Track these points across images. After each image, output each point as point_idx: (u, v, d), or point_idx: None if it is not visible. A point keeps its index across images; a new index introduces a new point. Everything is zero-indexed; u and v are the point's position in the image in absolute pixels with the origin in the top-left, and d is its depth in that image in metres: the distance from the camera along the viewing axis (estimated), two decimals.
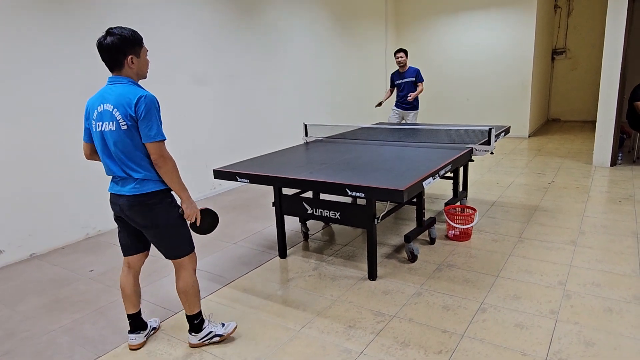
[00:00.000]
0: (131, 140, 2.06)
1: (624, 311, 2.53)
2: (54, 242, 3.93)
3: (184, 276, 2.28)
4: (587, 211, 4.21)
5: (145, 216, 2.15)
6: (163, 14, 4.65)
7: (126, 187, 2.14)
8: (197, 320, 2.36)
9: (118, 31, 2.05)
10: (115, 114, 2.04)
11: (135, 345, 2.42)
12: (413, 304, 2.71)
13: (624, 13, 5.37)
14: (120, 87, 2.08)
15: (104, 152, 2.14)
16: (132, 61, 2.10)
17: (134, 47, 2.09)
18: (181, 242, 2.25)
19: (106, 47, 2.05)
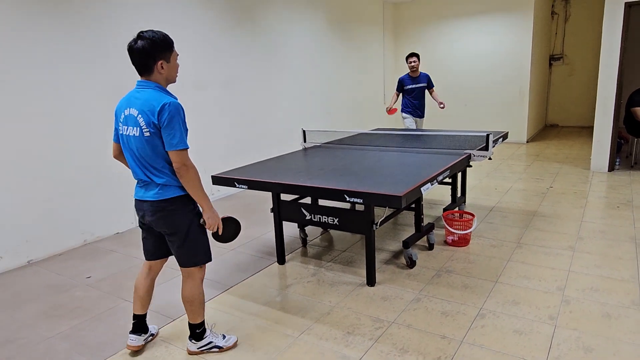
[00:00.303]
0: (153, 147, 2.06)
1: (623, 317, 2.53)
2: (52, 248, 3.92)
3: (190, 285, 2.27)
4: (585, 216, 4.22)
5: (167, 221, 2.15)
6: (162, 19, 4.67)
7: (149, 192, 2.14)
8: (199, 330, 2.35)
9: (149, 35, 2.03)
10: (139, 120, 2.04)
11: (135, 346, 2.40)
12: (412, 310, 2.70)
13: (620, 19, 5.41)
14: (146, 92, 2.06)
15: (130, 155, 2.15)
16: (162, 66, 2.08)
17: (164, 51, 2.07)
18: (198, 251, 2.23)
19: (136, 51, 2.03)
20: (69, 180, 3.99)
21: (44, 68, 3.75)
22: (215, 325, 2.63)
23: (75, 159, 4.03)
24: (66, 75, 3.90)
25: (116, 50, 4.26)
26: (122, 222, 4.46)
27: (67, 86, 3.92)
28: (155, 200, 2.12)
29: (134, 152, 2.12)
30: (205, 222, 2.18)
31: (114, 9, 4.23)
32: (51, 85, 3.81)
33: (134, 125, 2.06)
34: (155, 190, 2.12)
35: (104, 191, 4.27)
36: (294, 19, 6.57)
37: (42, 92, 3.75)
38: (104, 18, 4.15)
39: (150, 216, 2.17)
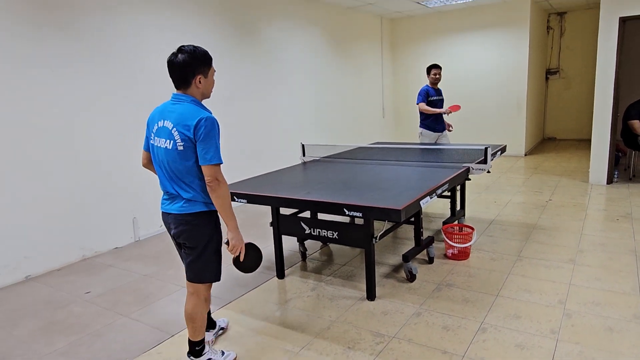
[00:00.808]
0: (185, 161, 2.05)
1: (625, 330, 2.51)
2: (50, 263, 3.90)
3: (194, 303, 2.25)
4: (585, 229, 4.21)
5: (188, 235, 2.15)
6: (161, 35, 4.72)
7: (174, 205, 2.15)
8: (198, 347, 2.33)
9: (190, 49, 2.05)
10: (174, 133, 2.04)
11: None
12: (412, 324, 2.68)
13: (615, 34, 5.49)
14: (182, 106, 2.07)
15: (159, 167, 2.16)
16: (200, 81, 2.10)
17: (203, 66, 2.09)
18: (209, 269, 2.23)
19: (177, 64, 2.05)
20: (68, 195, 3.99)
21: (45, 85, 3.78)
22: (214, 342, 2.61)
23: (74, 174, 4.03)
24: (67, 91, 3.93)
25: (119, 67, 4.30)
26: (121, 237, 4.45)
27: (67, 102, 3.94)
28: (180, 214, 2.13)
29: (164, 165, 2.12)
30: (228, 243, 2.14)
31: (113, 27, 4.27)
32: (50, 101, 3.83)
33: (167, 137, 2.06)
34: (180, 203, 2.12)
35: (103, 206, 4.27)
36: (293, 34, 6.65)
37: (41, 108, 3.77)
38: (104, 33, 4.19)
39: (174, 228, 2.18)
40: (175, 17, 4.86)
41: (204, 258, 2.19)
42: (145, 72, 4.57)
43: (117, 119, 4.34)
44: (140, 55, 4.51)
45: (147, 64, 4.59)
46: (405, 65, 9.38)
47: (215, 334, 2.61)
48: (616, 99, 5.68)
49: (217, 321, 2.69)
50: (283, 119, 6.58)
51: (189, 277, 2.23)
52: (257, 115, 6.08)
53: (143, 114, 4.53)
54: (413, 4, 7.66)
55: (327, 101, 7.55)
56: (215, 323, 2.63)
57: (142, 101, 4.55)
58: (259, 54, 6.02)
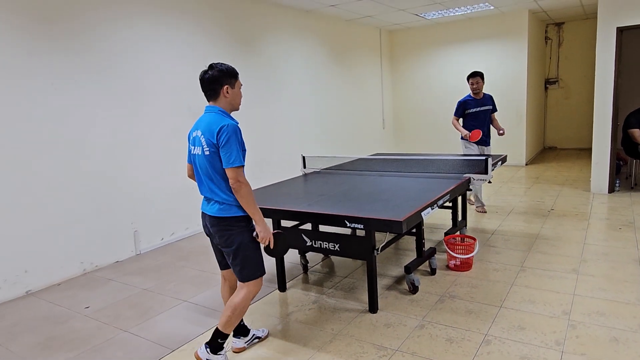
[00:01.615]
0: (213, 165, 2.25)
1: (630, 341, 2.48)
2: (50, 278, 3.88)
3: (243, 296, 2.36)
4: (587, 238, 4.19)
5: (223, 236, 2.32)
6: (162, 47, 4.76)
7: (212, 207, 2.32)
8: (221, 340, 2.37)
9: (218, 65, 2.29)
10: (202, 140, 2.26)
11: (238, 348, 2.60)
12: (416, 337, 2.65)
13: (613, 43, 5.52)
14: (210, 115, 2.29)
15: (197, 174, 2.39)
16: (227, 91, 2.31)
17: (230, 78, 2.31)
18: (251, 266, 2.36)
19: (207, 79, 2.28)
20: (68, 209, 3.98)
21: (45, 96, 3.80)
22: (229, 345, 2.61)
23: (75, 187, 4.03)
24: (67, 104, 3.95)
25: (120, 80, 4.33)
26: (122, 251, 4.43)
27: (68, 115, 3.96)
28: (216, 216, 2.30)
29: (199, 170, 2.34)
30: (258, 235, 2.32)
31: (116, 37, 4.31)
32: (51, 113, 3.85)
33: (198, 145, 2.29)
34: (216, 206, 2.30)
35: (104, 220, 4.26)
36: (293, 45, 6.70)
37: (41, 120, 3.78)
38: (106, 47, 4.23)
39: (210, 228, 2.37)
40: (176, 29, 4.90)
41: (243, 258, 2.33)
42: (146, 84, 4.60)
43: (119, 132, 4.36)
44: (141, 67, 4.54)
45: (148, 76, 4.62)
46: (404, 76, 9.43)
47: (248, 342, 2.65)
48: (616, 107, 5.69)
49: (253, 330, 2.73)
50: (283, 131, 6.59)
51: (239, 278, 2.38)
52: (258, 126, 6.10)
53: (144, 126, 4.55)
54: (411, 16, 7.73)
55: (327, 112, 7.58)
56: (248, 331, 2.68)
57: (144, 113, 4.57)
58: (259, 65, 6.06)
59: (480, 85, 5.06)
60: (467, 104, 5.17)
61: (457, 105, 5.22)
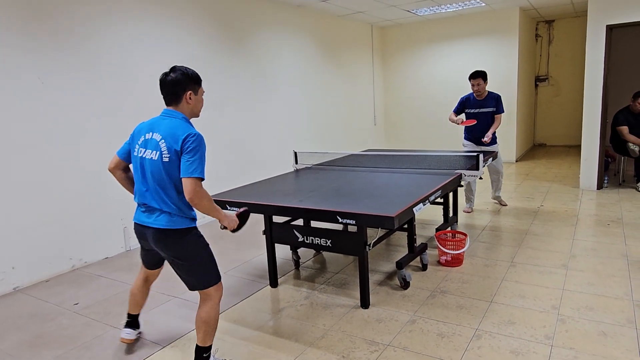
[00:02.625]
0: (169, 173, 2.11)
1: (619, 335, 2.51)
2: (39, 274, 3.83)
3: (209, 306, 2.26)
4: (576, 234, 4.23)
5: (173, 249, 2.19)
6: (152, 41, 4.71)
7: (152, 218, 2.18)
8: (206, 354, 2.30)
9: (181, 69, 2.18)
10: (161, 145, 2.10)
11: (128, 339, 2.62)
12: (407, 332, 2.66)
13: (603, 41, 5.56)
14: (172, 121, 2.15)
15: (141, 178, 2.21)
16: (190, 97, 2.20)
17: (194, 84, 2.21)
18: (208, 273, 2.26)
19: (170, 82, 2.16)
20: (57, 205, 3.93)
21: (36, 93, 3.74)
22: (218, 350, 2.57)
23: (63, 183, 3.98)
24: (53, 100, 3.89)
25: (110, 76, 4.27)
26: (111, 247, 4.39)
27: (54, 111, 3.90)
28: (163, 229, 2.15)
29: (147, 176, 2.17)
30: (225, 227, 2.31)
31: (101, 37, 4.25)
32: (37, 110, 3.79)
33: (154, 149, 2.13)
34: (159, 217, 2.16)
35: (92, 216, 4.21)
36: (284, 42, 6.66)
37: (29, 116, 3.72)
38: (93, 43, 4.17)
39: (154, 242, 2.22)
40: (165, 25, 4.84)
41: (199, 266, 2.23)
42: (135, 81, 4.55)
43: (108, 128, 4.30)
44: (130, 64, 4.48)
45: (137, 72, 4.56)
46: (396, 72, 9.43)
47: (137, 335, 2.70)
48: (605, 105, 5.74)
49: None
50: (274, 127, 6.57)
51: (195, 287, 2.26)
52: (249, 123, 6.07)
53: (133, 123, 4.49)
54: (403, 12, 7.73)
55: (318, 108, 7.56)
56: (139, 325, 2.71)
57: (133, 110, 4.51)
58: (249, 61, 6.02)
59: (481, 87, 4.80)
60: (467, 102, 4.98)
61: (459, 100, 5.06)
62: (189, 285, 2.28)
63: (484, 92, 4.87)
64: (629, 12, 5.35)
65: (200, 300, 2.29)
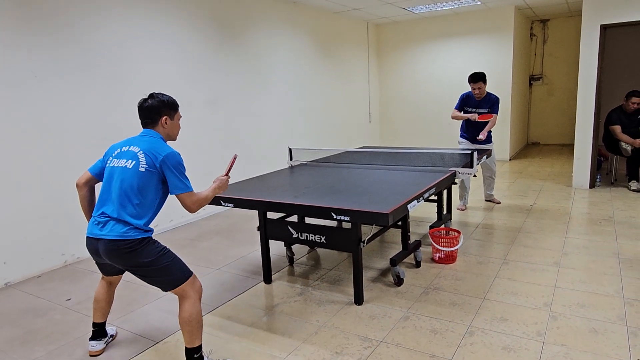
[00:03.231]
0: (140, 183, 2.16)
1: (609, 332, 2.53)
2: (30, 269, 3.80)
3: (188, 304, 2.22)
4: (569, 232, 4.27)
5: (125, 259, 2.15)
6: (147, 37, 4.67)
7: (105, 230, 2.14)
8: (197, 354, 2.26)
9: (159, 96, 2.30)
10: (139, 156, 2.18)
11: (96, 352, 2.54)
12: (400, 329, 2.67)
13: (597, 41, 5.60)
14: (152, 139, 2.25)
15: (106, 188, 2.23)
16: (166, 121, 2.31)
17: (170, 110, 2.32)
18: (172, 273, 2.21)
19: (146, 108, 2.27)
20: (49, 200, 3.90)
21: (28, 89, 3.70)
22: (213, 351, 2.54)
23: (55, 178, 3.94)
24: (46, 92, 3.85)
25: (102, 69, 4.24)
26: None
27: (48, 105, 3.86)
28: (115, 239, 2.12)
29: (113, 185, 2.19)
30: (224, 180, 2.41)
31: (94, 33, 4.21)
32: (29, 102, 3.75)
33: (130, 158, 2.19)
34: (117, 227, 2.13)
35: None
36: (279, 38, 6.64)
37: (19, 111, 3.69)
38: (88, 39, 4.13)
39: (107, 255, 2.16)
40: (159, 21, 4.81)
41: (162, 269, 2.19)
42: (129, 77, 4.51)
43: (101, 124, 4.27)
44: (124, 60, 4.45)
45: (131, 68, 4.53)
46: (391, 70, 9.44)
47: (106, 342, 2.61)
48: (598, 104, 5.78)
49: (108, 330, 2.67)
50: (269, 123, 6.55)
51: (166, 288, 2.23)
52: (243, 119, 6.05)
53: (126, 118, 4.46)
54: (399, 9, 7.72)
55: (313, 105, 7.55)
56: (106, 332, 2.63)
57: (127, 106, 4.48)
58: (244, 57, 6.00)
59: (482, 90, 4.85)
60: (467, 100, 5.00)
61: (460, 97, 5.08)
62: (161, 288, 2.25)
63: (484, 93, 4.92)
64: (623, 12, 5.38)
65: (179, 300, 2.25)
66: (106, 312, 2.57)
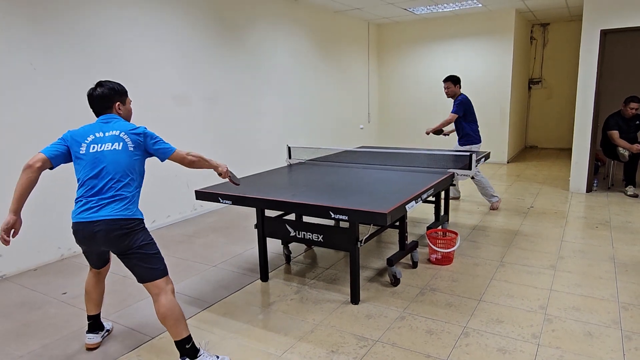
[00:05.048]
0: (132, 159, 2.25)
1: (604, 335, 2.55)
2: (26, 263, 3.79)
3: (163, 300, 2.21)
4: (565, 236, 4.28)
5: (124, 239, 2.18)
6: (146, 33, 4.66)
7: (105, 211, 2.15)
8: (188, 345, 2.24)
9: (108, 84, 2.35)
10: (123, 137, 2.25)
11: (93, 344, 2.54)
12: (396, 328, 2.68)
13: (596, 46, 5.61)
14: (118, 121, 2.33)
15: (95, 174, 2.19)
16: (119, 107, 2.39)
17: (120, 96, 2.39)
18: (160, 262, 2.27)
19: (97, 96, 2.32)
20: (45, 194, 3.89)
21: (23, 78, 3.68)
22: (208, 344, 2.55)
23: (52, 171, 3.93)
24: (42, 87, 3.84)
25: (101, 64, 4.22)
26: None
27: (45, 97, 3.85)
28: (113, 219, 2.15)
29: (105, 169, 2.19)
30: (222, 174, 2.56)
31: (93, 30, 4.20)
32: (28, 96, 3.74)
33: (115, 141, 2.24)
34: (117, 206, 2.17)
35: None
36: (279, 36, 6.63)
37: (18, 103, 3.67)
38: (88, 33, 4.12)
39: (105, 236, 2.14)
40: (159, 14, 4.79)
41: (155, 255, 2.26)
42: (127, 70, 4.50)
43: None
44: (122, 53, 4.43)
45: (129, 62, 4.51)
46: (391, 70, 9.44)
47: (102, 336, 2.62)
48: (596, 109, 5.80)
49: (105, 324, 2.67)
50: (268, 121, 6.55)
51: (145, 279, 2.22)
52: (242, 117, 6.04)
53: None
54: (400, 10, 7.73)
55: (312, 104, 7.55)
56: (103, 326, 2.64)
57: None
58: (243, 54, 5.99)
59: (449, 91, 5.17)
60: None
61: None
62: (139, 277, 2.23)
63: (451, 94, 5.20)
64: (624, 17, 5.40)
65: (153, 297, 2.23)
66: (98, 303, 2.56)
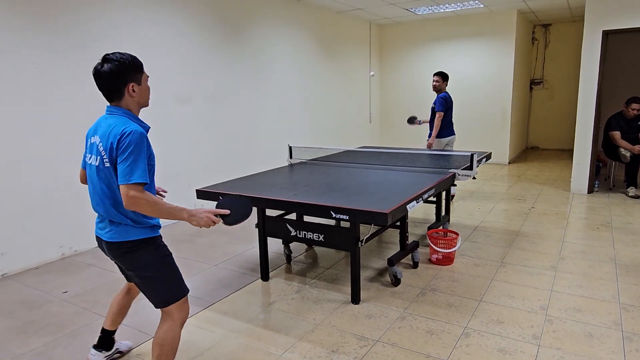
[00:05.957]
0: (109, 180, 1.85)
1: (605, 336, 2.55)
2: (28, 261, 3.80)
3: (167, 327, 1.97)
4: (566, 237, 4.28)
5: (124, 261, 1.94)
6: (148, 33, 4.66)
7: (104, 230, 1.93)
8: None
9: (116, 57, 1.84)
10: (100, 149, 1.84)
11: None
12: (397, 328, 2.68)
13: (598, 47, 5.61)
14: (113, 118, 1.86)
15: (91, 187, 1.97)
16: (134, 89, 1.88)
17: (135, 73, 1.88)
18: (167, 289, 1.96)
19: (104, 75, 1.83)
20: (47, 192, 3.89)
21: (25, 77, 3.69)
22: None
23: (54, 170, 3.94)
24: (47, 86, 3.85)
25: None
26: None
27: (47, 97, 3.86)
28: (112, 242, 1.89)
29: (94, 185, 1.92)
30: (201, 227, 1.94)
31: (100, 23, 4.21)
32: (31, 95, 3.74)
33: (96, 154, 1.87)
34: (109, 228, 1.90)
35: (83, 203, 4.18)
36: (281, 35, 6.63)
37: (16, 101, 3.68)
38: (90, 33, 4.12)
39: (109, 255, 1.98)
40: (161, 13, 4.80)
41: (159, 280, 1.94)
42: None
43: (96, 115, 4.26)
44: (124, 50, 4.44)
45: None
46: (393, 71, 9.44)
47: (107, 357, 2.35)
48: (598, 110, 5.79)
49: (117, 343, 2.43)
50: (270, 121, 6.55)
51: (155, 304, 1.98)
52: (244, 116, 6.05)
53: None
54: (402, 10, 7.73)
55: (314, 104, 7.55)
56: (112, 345, 2.37)
57: None
58: (246, 54, 5.99)
59: (437, 85, 5.46)
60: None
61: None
62: (152, 302, 1.98)
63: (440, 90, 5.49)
64: (626, 18, 5.40)
65: (161, 318, 2.01)
66: (115, 319, 2.32)
